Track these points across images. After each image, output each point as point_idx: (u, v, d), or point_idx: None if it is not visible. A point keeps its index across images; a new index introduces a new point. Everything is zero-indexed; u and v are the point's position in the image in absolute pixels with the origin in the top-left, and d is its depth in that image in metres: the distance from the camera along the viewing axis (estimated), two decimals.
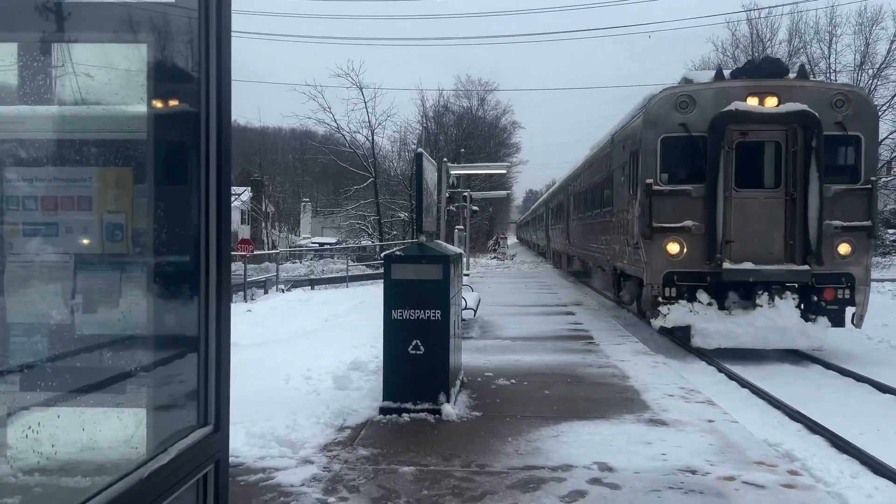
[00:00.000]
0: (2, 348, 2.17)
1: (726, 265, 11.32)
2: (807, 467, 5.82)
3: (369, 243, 44.54)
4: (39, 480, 1.98)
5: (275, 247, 51.43)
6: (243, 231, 58.99)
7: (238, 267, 29.92)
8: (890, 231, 35.93)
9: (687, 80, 13.30)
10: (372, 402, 6.82)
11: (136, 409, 2.28)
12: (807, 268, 11.23)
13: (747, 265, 11.36)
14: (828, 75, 37.67)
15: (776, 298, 11.18)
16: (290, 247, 54.27)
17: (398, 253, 6.90)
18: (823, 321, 11.23)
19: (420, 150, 7.08)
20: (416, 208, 7.17)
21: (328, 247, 48.03)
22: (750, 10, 42.82)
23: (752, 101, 11.59)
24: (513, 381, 8.18)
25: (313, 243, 56.13)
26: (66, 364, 2.32)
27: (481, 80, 62.45)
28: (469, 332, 12.13)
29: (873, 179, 11.75)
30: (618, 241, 15.26)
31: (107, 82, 2.30)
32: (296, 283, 30.76)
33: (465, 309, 12.15)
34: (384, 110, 72.25)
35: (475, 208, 41.34)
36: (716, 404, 7.10)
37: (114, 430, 2.25)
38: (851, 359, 11.44)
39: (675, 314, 11.54)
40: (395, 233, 45.45)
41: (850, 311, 11.58)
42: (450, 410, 6.51)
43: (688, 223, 11.67)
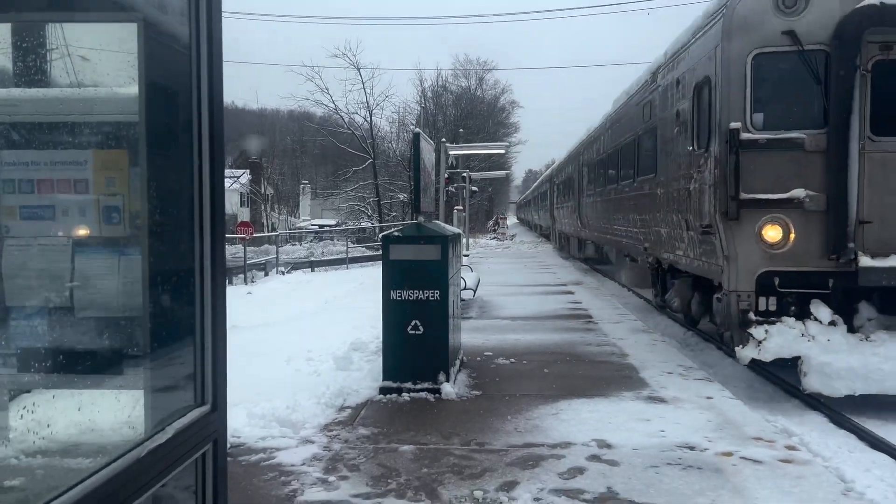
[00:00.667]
0: (1, 331, 2.18)
1: (864, 261, 7.13)
2: (804, 442, 5.86)
3: (369, 225, 44.52)
4: (41, 462, 2.00)
5: (274, 229, 51.43)
6: (243, 213, 58.91)
7: (238, 249, 29.93)
8: None
9: None
10: (372, 383, 6.86)
11: (134, 390, 2.29)
12: None
13: None
14: None
15: None
16: (289, 229, 54.27)
17: (396, 234, 6.90)
18: None
19: (418, 130, 7.05)
20: (414, 189, 7.15)
21: (328, 229, 48.05)
22: None
23: None
24: (512, 360, 8.21)
25: (313, 225, 56.13)
26: (65, 346, 2.33)
27: (480, 59, 61.92)
28: (468, 312, 12.16)
29: None
30: (665, 222, 10.62)
31: (98, 62, 2.29)
32: (296, 266, 30.79)
33: (465, 289, 12.18)
34: (382, 91, 71.95)
35: (474, 189, 41.26)
36: (713, 381, 7.14)
37: (112, 410, 2.26)
38: None
39: (778, 340, 7.17)
40: (394, 214, 45.39)
41: None
42: (449, 389, 6.54)
43: (798, 193, 7.31)
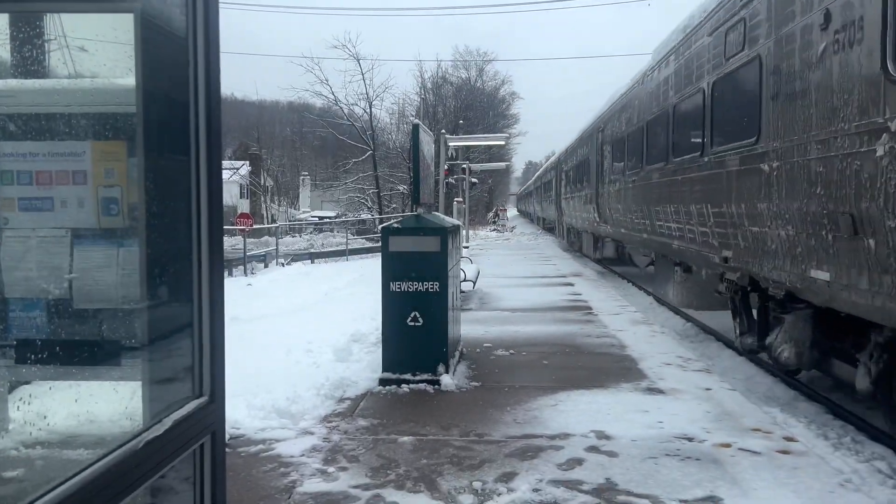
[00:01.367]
0: (0, 323, 2.18)
1: None
2: (802, 433, 5.87)
3: (369, 216, 44.53)
4: (39, 453, 2.00)
5: (274, 221, 51.40)
6: (242, 205, 58.86)
7: (238, 241, 29.93)
8: None
9: None
10: (372, 374, 6.87)
11: (133, 382, 2.29)
12: None
13: None
14: None
15: None
16: (289, 221, 54.25)
17: (395, 225, 6.89)
18: None
19: (417, 121, 7.03)
20: (413, 180, 7.14)
21: (327, 220, 48.02)
22: None
23: None
24: (511, 351, 8.22)
25: (313, 217, 56.12)
26: (64, 338, 2.34)
27: (480, 50, 61.91)
28: (468, 304, 12.16)
29: None
30: (779, 219, 6.47)
31: (95, 53, 2.28)
32: (296, 257, 30.80)
33: (465, 281, 12.18)
34: (382, 82, 71.99)
35: (474, 180, 41.23)
36: (712, 373, 7.15)
37: (111, 402, 2.27)
38: None
39: None
40: (394, 206, 45.38)
41: None
42: (448, 381, 6.55)
43: None
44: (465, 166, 30.63)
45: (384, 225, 6.99)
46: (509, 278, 16.76)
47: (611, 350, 8.27)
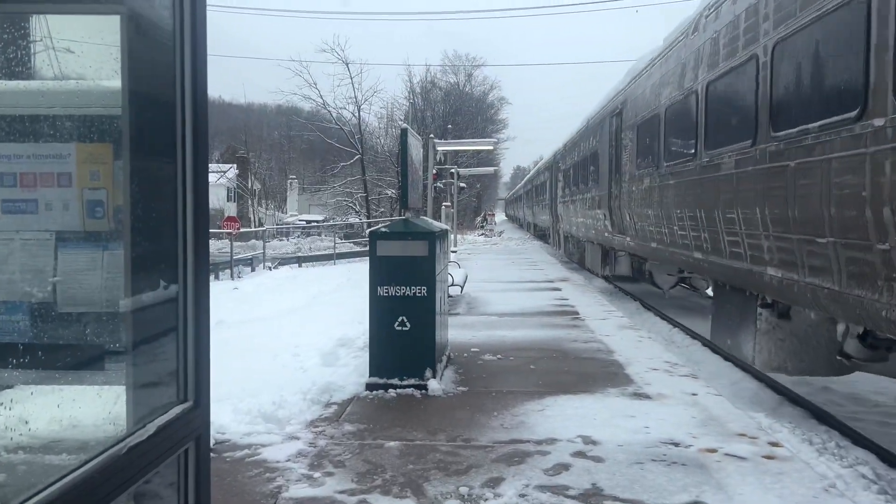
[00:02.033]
0: None
1: None
2: (787, 438, 5.90)
3: (357, 220, 44.46)
4: (21, 458, 1.98)
5: (261, 224, 51.22)
6: (229, 208, 58.61)
7: (224, 244, 29.81)
8: None
9: None
10: (359, 379, 6.85)
11: (116, 386, 2.27)
12: None
13: None
14: None
15: None
16: (276, 224, 54.07)
17: (383, 229, 6.88)
18: None
19: (405, 125, 7.03)
20: (402, 185, 7.14)
21: (315, 224, 47.91)
22: None
23: None
24: (499, 356, 8.22)
25: (300, 220, 55.95)
26: (47, 342, 2.31)
27: (468, 55, 62.00)
28: (456, 308, 12.16)
29: None
30: None
31: (81, 55, 2.27)
32: (283, 261, 30.72)
33: (453, 285, 12.19)
34: (371, 86, 71.74)
35: (462, 185, 41.25)
36: (698, 378, 7.18)
37: (94, 407, 2.24)
38: None
39: None
40: (382, 210, 45.35)
41: None
42: (436, 386, 6.54)
43: None
44: (453, 171, 30.66)
45: (372, 229, 6.98)
46: (497, 283, 16.77)
47: (598, 355, 8.28)
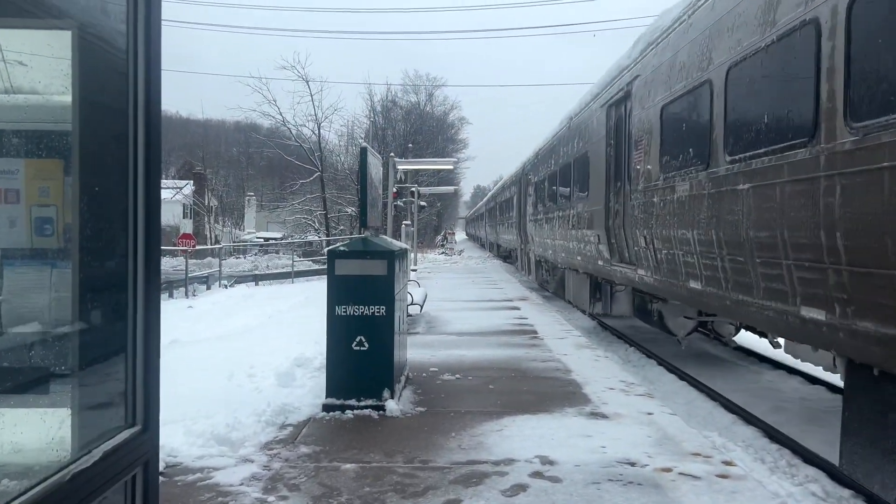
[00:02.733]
0: None
1: None
2: (740, 457, 6.00)
3: (316, 238, 44.12)
4: None
5: (218, 241, 50.45)
6: (185, 225, 57.66)
7: (179, 262, 29.27)
8: None
9: None
10: (315, 400, 6.75)
11: (62, 410, 2.20)
12: None
13: None
14: None
15: None
16: (233, 242, 53.34)
17: (342, 248, 6.83)
18: None
19: (365, 144, 7.03)
20: (361, 203, 7.11)
21: (273, 242, 47.42)
22: None
23: None
24: (458, 375, 8.20)
25: (258, 238, 55.32)
26: None
27: (429, 75, 62.45)
28: (415, 328, 12.12)
29: None
30: None
31: (31, 69, 2.21)
32: (239, 279, 30.30)
33: (412, 304, 12.15)
34: (331, 104, 71.86)
35: (423, 204, 41.34)
36: (654, 397, 7.26)
37: (38, 431, 2.16)
38: None
39: None
40: (342, 228, 45.10)
41: None
42: (394, 406, 6.48)
43: None
44: (413, 189, 30.71)
45: (331, 248, 6.93)
46: (457, 302, 16.78)
47: (556, 374, 8.32)
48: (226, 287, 27.59)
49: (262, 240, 52.10)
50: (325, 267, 6.82)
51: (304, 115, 45.52)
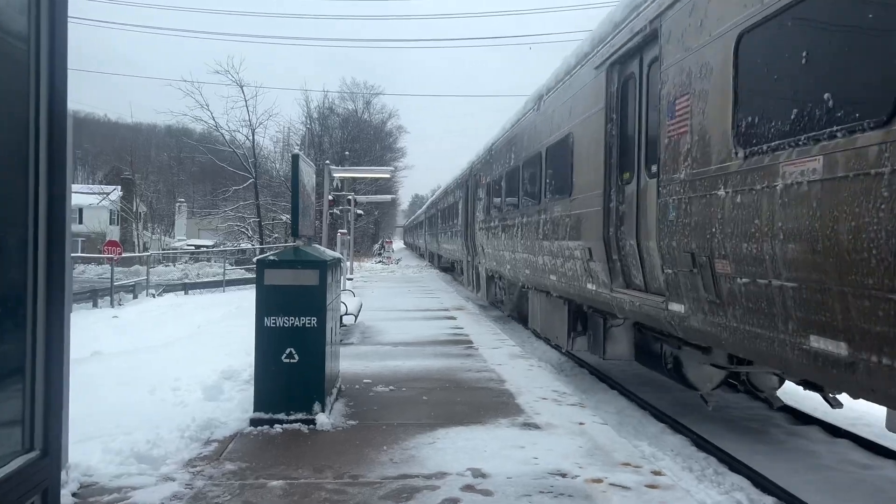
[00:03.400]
0: None
1: None
2: (669, 467, 6.08)
3: (249, 246, 43.23)
4: None
5: (146, 249, 48.88)
6: (112, 232, 55.68)
7: (105, 270, 28.20)
8: None
9: None
10: (243, 414, 6.54)
11: None
12: None
13: None
14: None
15: None
16: (163, 249, 51.79)
17: (272, 258, 6.65)
18: None
19: (297, 151, 6.88)
20: (293, 212, 6.95)
21: (204, 249, 46.25)
22: None
23: None
24: (391, 387, 8.09)
25: (189, 245, 53.86)
26: None
27: (367, 83, 62.21)
28: (349, 338, 11.94)
29: None
30: None
31: None
32: (168, 288, 29.39)
33: (346, 314, 11.96)
34: (266, 109, 70.68)
35: (360, 212, 41.04)
36: (586, 406, 7.32)
37: None
38: None
39: None
40: (276, 235, 44.36)
41: None
42: (324, 420, 6.33)
43: None
44: (350, 197, 30.43)
45: (260, 257, 6.74)
46: (393, 311, 16.64)
47: (490, 384, 8.31)
48: (154, 296, 26.71)
49: (193, 247, 50.78)
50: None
51: (238, 121, 44.62)
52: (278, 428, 6.23)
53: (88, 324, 18.56)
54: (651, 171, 6.83)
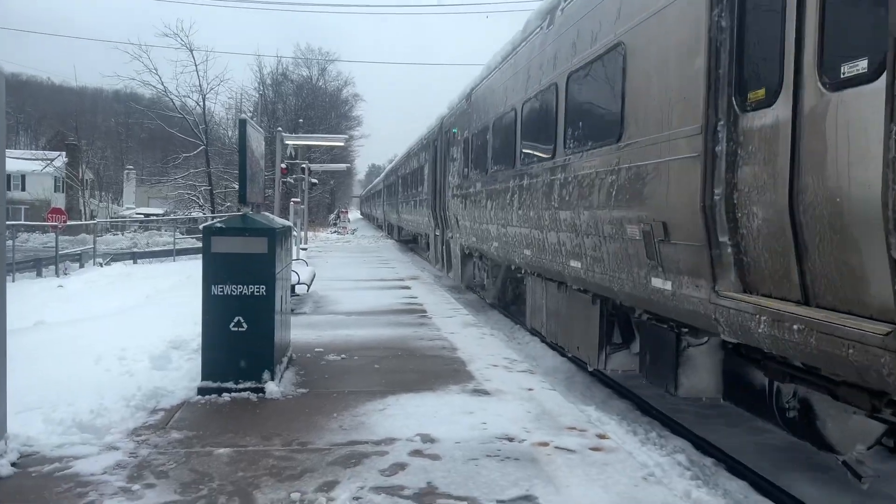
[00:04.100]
0: None
1: None
2: (614, 430, 6.23)
3: (200, 214, 42.43)
4: None
5: (93, 217, 47.59)
6: (57, 199, 54.03)
7: (49, 239, 27.43)
8: None
9: None
10: (191, 383, 6.47)
11: None
12: None
13: None
14: None
15: None
16: (111, 217, 50.51)
17: (219, 225, 6.53)
18: None
19: (244, 116, 6.74)
20: (240, 178, 6.82)
21: (154, 218, 45.26)
22: None
23: None
24: (343, 356, 8.09)
25: (138, 214, 52.64)
26: None
27: (322, 49, 60.95)
28: (302, 308, 11.87)
29: None
30: None
31: None
32: (116, 257, 28.76)
33: (299, 284, 11.88)
34: (217, 75, 68.89)
35: (314, 181, 40.50)
36: (535, 373, 7.43)
37: None
38: None
39: None
40: (228, 204, 43.54)
41: None
42: (274, 388, 6.30)
43: None
44: (304, 166, 30.01)
45: (206, 224, 6.62)
46: (346, 281, 16.58)
47: (442, 353, 8.37)
48: (101, 265, 26.12)
49: (143, 216, 49.63)
50: None
51: (189, 86, 43.50)
52: (227, 397, 6.19)
53: (32, 293, 18.08)
54: (841, 73, 3.69)
